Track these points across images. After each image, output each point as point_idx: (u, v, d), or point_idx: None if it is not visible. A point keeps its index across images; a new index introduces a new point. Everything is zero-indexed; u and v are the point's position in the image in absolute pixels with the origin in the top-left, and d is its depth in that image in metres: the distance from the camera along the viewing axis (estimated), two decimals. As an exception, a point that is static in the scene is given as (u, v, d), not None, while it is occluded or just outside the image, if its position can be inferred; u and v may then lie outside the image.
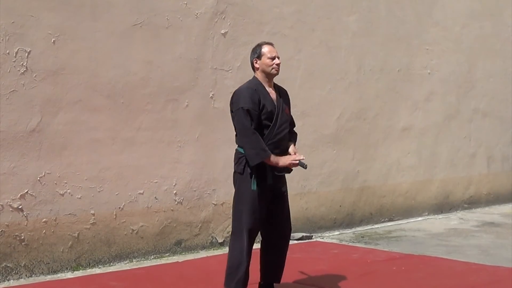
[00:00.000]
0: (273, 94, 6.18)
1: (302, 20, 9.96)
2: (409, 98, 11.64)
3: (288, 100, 6.44)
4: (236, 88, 6.20)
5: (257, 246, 6.23)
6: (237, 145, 6.07)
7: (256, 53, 6.16)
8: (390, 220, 11.35)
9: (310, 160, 9.98)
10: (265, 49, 6.15)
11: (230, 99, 6.14)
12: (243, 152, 5.94)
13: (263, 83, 6.13)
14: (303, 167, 6.14)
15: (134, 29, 8.08)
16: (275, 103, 6.12)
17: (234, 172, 6.10)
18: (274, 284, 6.39)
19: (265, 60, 6.12)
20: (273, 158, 5.89)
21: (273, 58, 6.12)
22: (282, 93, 6.35)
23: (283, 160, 5.96)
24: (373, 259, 8.39)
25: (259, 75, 6.16)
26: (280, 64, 6.19)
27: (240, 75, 9.07)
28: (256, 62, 6.15)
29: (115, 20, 7.92)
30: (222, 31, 8.97)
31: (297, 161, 6.01)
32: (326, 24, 10.30)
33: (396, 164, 11.48)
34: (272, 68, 6.12)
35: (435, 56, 12.08)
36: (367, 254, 8.68)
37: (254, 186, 5.93)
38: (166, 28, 8.39)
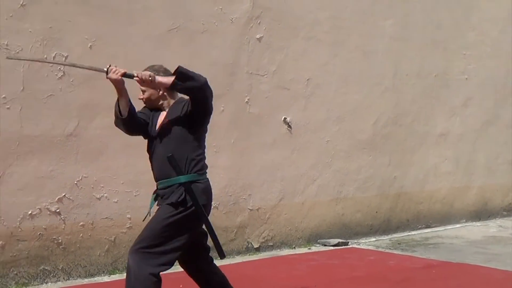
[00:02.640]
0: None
1: (337, 25, 9.93)
2: (446, 103, 11.55)
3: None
4: (271, 92, 6.05)
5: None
6: None
7: None
8: (427, 226, 11.26)
9: (346, 166, 9.97)
10: None
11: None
12: None
13: None
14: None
15: (170, 34, 8.12)
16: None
17: None
18: None
19: None
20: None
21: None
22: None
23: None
24: (410, 266, 8.32)
25: None
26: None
27: (275, 80, 9.08)
28: None
29: (151, 25, 7.96)
30: (258, 36, 8.98)
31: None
32: (361, 28, 10.26)
33: (433, 170, 11.38)
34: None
35: (472, 61, 11.97)
36: (404, 261, 8.61)
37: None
38: (202, 33, 8.41)
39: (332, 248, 9.41)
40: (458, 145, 11.80)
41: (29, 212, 7.06)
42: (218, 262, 7.48)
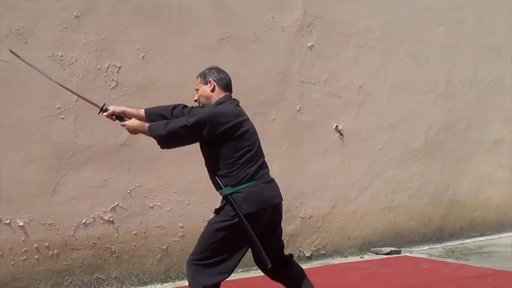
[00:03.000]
0: None
1: (389, 32, 9.88)
2: (500, 110, 11.40)
3: None
4: (323, 100, 6.08)
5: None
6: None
7: None
8: (482, 235, 11.12)
9: (399, 173, 9.92)
10: None
11: None
12: None
13: None
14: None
15: (221, 43, 8.16)
16: None
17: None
18: None
19: None
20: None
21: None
22: None
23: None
24: (464, 275, 8.23)
25: None
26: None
27: (327, 88, 9.06)
28: None
29: (203, 35, 8.01)
30: (309, 44, 8.97)
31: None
32: (414, 35, 10.19)
33: (487, 177, 11.24)
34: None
35: (527, 67, 11.83)
36: (457, 270, 8.52)
37: None
38: (253, 41, 8.44)
39: (384, 256, 9.36)
40: (513, 152, 11.66)
41: (83, 221, 7.15)
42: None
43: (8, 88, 6.71)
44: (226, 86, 5.58)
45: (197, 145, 7.98)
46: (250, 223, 5.13)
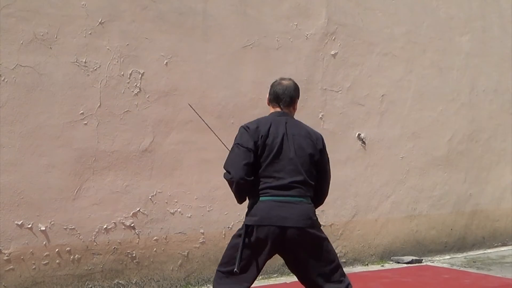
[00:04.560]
0: None
1: (413, 41, 9.87)
2: (524, 119, 11.36)
3: None
4: (346, 108, 6.01)
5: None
6: (304, 197, 4.98)
7: (299, 94, 5.32)
8: (504, 245, 11.07)
9: (421, 182, 9.89)
10: None
11: (319, 144, 5.18)
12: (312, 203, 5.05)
13: None
14: None
15: (244, 51, 8.17)
16: None
17: (317, 228, 4.97)
18: None
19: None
20: None
21: None
22: None
23: None
24: (486, 285, 8.19)
25: (293, 115, 5.26)
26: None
27: (350, 96, 9.05)
28: (296, 103, 5.30)
29: (226, 42, 8.03)
30: (332, 52, 8.97)
31: None
32: (437, 44, 10.17)
33: (510, 187, 11.19)
34: None
35: (551, 77, 11.76)
36: (479, 280, 8.47)
37: None
38: (276, 49, 8.45)
39: (405, 265, 9.32)
40: (537, 162, 11.59)
41: (104, 226, 7.18)
42: (284, 279, 7.50)
43: (32, 93, 6.75)
44: (274, 100, 5.24)
45: (218, 152, 8.04)
46: (247, 235, 4.92)
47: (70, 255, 6.99)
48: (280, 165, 4.92)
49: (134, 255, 7.38)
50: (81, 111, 7.03)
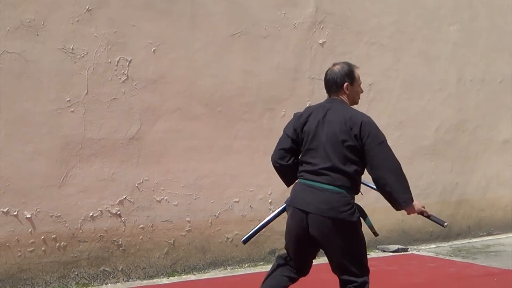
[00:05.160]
0: None
1: (401, 30, 9.86)
2: (510, 109, 11.36)
3: None
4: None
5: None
6: (335, 186, 4.87)
7: (350, 77, 5.12)
8: (489, 234, 11.11)
9: (407, 171, 9.86)
10: (357, 74, 5.20)
11: (357, 129, 4.87)
12: (349, 194, 4.93)
13: None
14: (443, 226, 5.26)
15: (232, 39, 8.16)
16: None
17: (344, 221, 4.85)
18: None
19: (357, 87, 5.18)
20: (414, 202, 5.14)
21: (360, 86, 5.26)
22: None
23: (417, 206, 5.22)
24: (471, 274, 8.23)
25: (345, 100, 5.14)
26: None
27: (337, 85, 9.04)
28: (347, 88, 5.10)
29: (214, 30, 8.01)
30: (320, 41, 8.96)
31: (429, 214, 5.21)
32: (425, 34, 10.17)
33: (496, 177, 11.22)
34: (359, 98, 5.27)
35: (539, 67, 11.78)
36: (464, 269, 8.51)
37: (372, 225, 5.28)
38: (264, 38, 8.44)
39: (391, 254, 9.36)
40: (523, 152, 11.63)
41: (91, 214, 7.18)
42: (270, 266, 7.51)
43: (19, 80, 6.73)
44: (325, 88, 5.26)
45: (205, 141, 8.05)
46: (287, 213, 5.09)
47: (56, 242, 6.98)
48: (314, 151, 4.92)
49: (120, 242, 7.38)
50: (68, 98, 7.01)
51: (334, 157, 4.86)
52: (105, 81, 7.23)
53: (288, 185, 5.19)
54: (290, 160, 5.07)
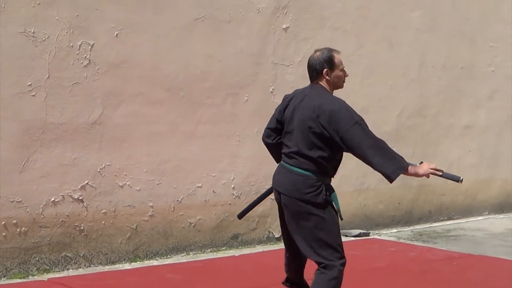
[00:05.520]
0: None
1: (364, 16, 9.89)
2: (471, 95, 11.48)
3: None
4: (297, 82, 5.80)
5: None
6: (301, 169, 5.08)
7: (328, 63, 5.23)
8: (449, 218, 11.24)
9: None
10: (338, 59, 5.28)
11: (325, 117, 5.01)
12: (319, 178, 5.05)
13: None
14: (457, 181, 5.18)
15: (195, 23, 8.12)
16: None
17: (307, 202, 5.02)
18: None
19: (338, 72, 5.27)
20: (411, 168, 5.12)
21: (343, 70, 5.32)
22: None
23: (423, 169, 5.17)
24: (431, 257, 8.33)
25: (324, 87, 5.29)
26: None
27: (300, 70, 9.04)
28: (327, 74, 5.23)
29: (177, 14, 7.97)
30: (284, 26, 8.96)
31: (440, 172, 5.14)
32: (388, 19, 10.20)
33: (457, 162, 11.33)
34: (343, 82, 5.37)
35: (499, 54, 11.88)
36: (425, 253, 8.62)
37: (341, 217, 5.32)
38: (228, 22, 8.41)
39: (353, 239, 9.42)
40: (483, 138, 11.74)
41: (52, 199, 7.12)
42: (233, 252, 7.56)
43: (-21, 64, 6.65)
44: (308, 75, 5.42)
45: (168, 126, 8.03)
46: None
47: (17, 228, 6.92)
48: (290, 135, 5.18)
49: (82, 228, 7.34)
50: (29, 82, 6.93)
51: (301, 142, 5.07)
52: (67, 65, 7.16)
53: (277, 162, 5.41)
54: (275, 139, 5.40)
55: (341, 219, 5.28)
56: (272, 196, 8.65)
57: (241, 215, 5.78)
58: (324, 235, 5.04)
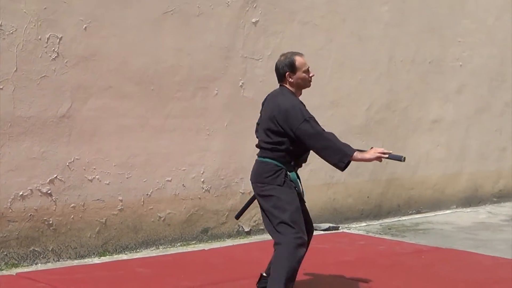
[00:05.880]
0: None
1: (333, 10, 9.91)
2: (440, 90, 11.55)
3: None
4: (266, 76, 6.05)
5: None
6: (264, 157, 5.70)
7: (288, 66, 5.75)
8: (418, 212, 11.30)
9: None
10: (299, 61, 5.78)
11: (281, 116, 5.58)
12: (280, 165, 5.63)
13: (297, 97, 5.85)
14: (401, 160, 5.71)
15: (165, 17, 8.10)
16: None
17: (267, 185, 5.63)
18: None
19: (300, 74, 5.76)
20: (358, 153, 5.65)
21: (307, 71, 5.82)
22: None
23: (370, 153, 5.68)
24: (400, 251, 8.37)
25: (291, 88, 5.79)
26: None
27: (270, 64, 9.00)
28: (290, 76, 5.74)
29: (146, 8, 7.93)
30: (253, 20, 8.95)
31: (386, 154, 5.64)
32: (358, 14, 10.23)
33: (425, 156, 11.41)
34: (309, 82, 5.86)
35: (467, 48, 11.96)
36: (393, 246, 8.66)
37: (303, 198, 5.89)
38: (197, 16, 8.39)
39: (322, 232, 9.44)
40: (451, 132, 11.82)
41: (20, 193, 7.07)
42: (203, 245, 7.58)
43: None
44: None
45: (138, 119, 8.01)
46: None
47: (-15, 222, 6.88)
48: (259, 131, 5.87)
49: (50, 222, 7.30)
50: (-4, 76, 6.88)
51: (264, 136, 5.74)
52: (35, 58, 7.11)
53: None
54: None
55: (302, 196, 5.86)
56: (242, 189, 8.73)
57: (238, 216, 6.40)
58: (281, 213, 5.57)
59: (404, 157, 5.71)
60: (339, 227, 9.84)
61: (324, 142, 5.58)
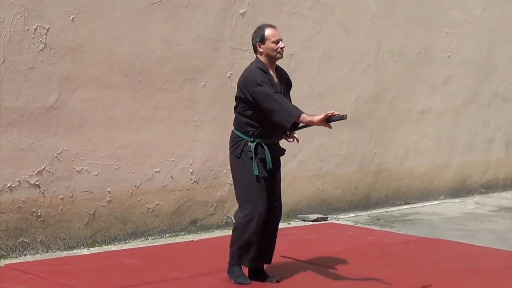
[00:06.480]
0: (275, 78, 6.19)
1: (321, 1, 9.90)
2: (427, 81, 11.56)
3: (290, 84, 6.47)
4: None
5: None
6: (234, 128, 6.22)
7: (259, 37, 6.12)
8: (406, 203, 11.32)
9: (327, 141, 10.01)
10: (268, 32, 6.10)
11: (241, 82, 6.14)
12: (240, 135, 6.10)
13: (267, 66, 6.13)
14: (343, 118, 6.01)
15: (152, 8, 8.08)
16: (278, 87, 6.13)
17: (230, 154, 6.22)
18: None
19: (269, 44, 6.09)
20: (306, 115, 5.89)
21: (277, 42, 6.10)
22: (283, 77, 6.37)
23: (318, 116, 5.91)
24: (388, 242, 8.39)
25: (262, 59, 6.15)
26: (285, 47, 6.22)
27: (258, 55, 9.06)
28: (259, 46, 6.13)
29: (134, -2, 7.93)
30: (241, 11, 8.94)
31: (334, 114, 5.90)
32: (345, 5, 10.23)
33: (413, 147, 11.42)
34: (277, 53, 6.13)
35: (455, 39, 11.97)
36: (382, 237, 8.68)
37: (256, 171, 6.03)
38: (185, 7, 8.38)
39: (311, 223, 9.46)
40: (439, 123, 11.84)
41: (8, 185, 7.06)
42: (191, 237, 7.58)
43: None
44: None
45: (125, 110, 7.99)
46: None
47: (-27, 213, 6.86)
48: None
49: (39, 213, 7.29)
50: (-17, 67, 6.86)
51: (236, 105, 6.19)
52: (22, 49, 7.09)
53: None
54: None
55: (270, 166, 6.19)
56: (230, 180, 8.71)
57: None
58: (236, 186, 6.21)
59: (346, 115, 5.97)
60: (327, 218, 9.85)
61: (273, 103, 5.84)
